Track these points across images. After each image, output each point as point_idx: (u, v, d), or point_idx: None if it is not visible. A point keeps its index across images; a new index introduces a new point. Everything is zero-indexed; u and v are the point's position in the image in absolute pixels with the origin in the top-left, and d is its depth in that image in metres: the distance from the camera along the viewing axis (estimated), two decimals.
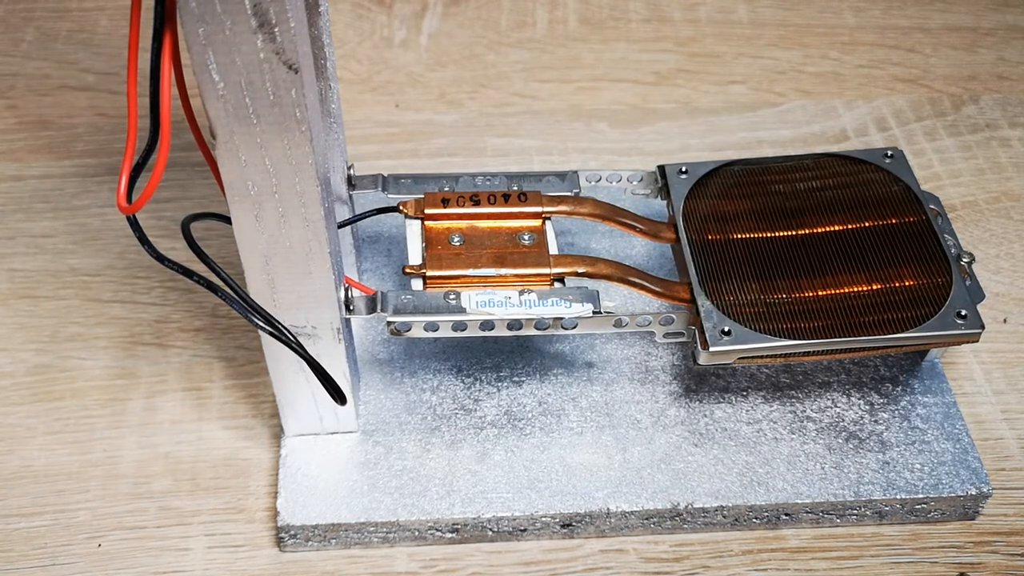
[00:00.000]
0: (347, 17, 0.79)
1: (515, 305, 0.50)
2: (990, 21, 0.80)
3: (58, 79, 0.75)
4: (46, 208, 0.67)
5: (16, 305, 0.62)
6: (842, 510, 0.53)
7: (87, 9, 0.79)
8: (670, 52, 0.78)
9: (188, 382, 0.59)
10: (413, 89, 0.75)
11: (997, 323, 0.62)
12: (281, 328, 0.47)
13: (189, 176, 0.68)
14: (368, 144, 0.71)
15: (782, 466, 0.54)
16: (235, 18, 0.37)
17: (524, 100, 0.74)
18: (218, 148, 0.41)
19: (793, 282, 0.53)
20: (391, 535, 0.52)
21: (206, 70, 0.38)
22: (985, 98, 0.75)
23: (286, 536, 0.52)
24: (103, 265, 0.64)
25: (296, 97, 0.39)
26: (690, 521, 0.53)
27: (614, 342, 0.58)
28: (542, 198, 0.54)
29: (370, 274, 0.61)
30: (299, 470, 0.53)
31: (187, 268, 0.46)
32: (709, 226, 0.55)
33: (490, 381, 0.57)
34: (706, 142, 0.72)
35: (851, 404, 0.56)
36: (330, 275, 0.46)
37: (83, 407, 0.58)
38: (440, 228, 0.53)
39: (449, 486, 0.53)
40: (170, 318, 0.62)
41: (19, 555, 0.52)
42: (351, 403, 0.52)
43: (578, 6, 0.81)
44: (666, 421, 0.55)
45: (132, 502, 0.54)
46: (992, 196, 0.69)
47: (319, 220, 0.44)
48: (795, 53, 0.78)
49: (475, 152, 0.71)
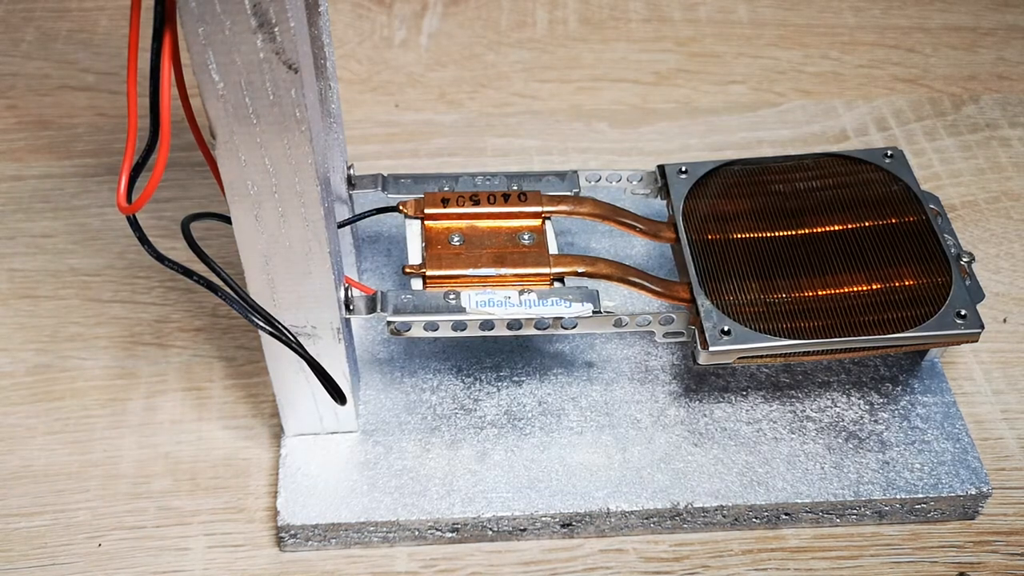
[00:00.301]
0: (347, 17, 0.79)
1: (515, 305, 0.50)
2: (990, 21, 0.80)
3: (58, 79, 0.75)
4: (46, 208, 0.67)
5: (16, 305, 0.62)
6: (842, 510, 0.53)
7: (87, 9, 0.79)
8: (670, 52, 0.78)
9: (188, 382, 0.59)
10: (413, 89, 0.75)
11: (997, 323, 0.62)
12: (281, 328, 0.47)
13: (189, 176, 0.68)
14: (368, 144, 0.71)
15: (782, 466, 0.54)
16: (235, 18, 0.37)
17: (524, 100, 0.74)
18: (218, 148, 0.41)
19: (793, 282, 0.53)
20: (391, 535, 0.52)
21: (206, 70, 0.38)
22: (985, 98, 0.75)
23: (286, 536, 0.52)
24: (103, 265, 0.64)
25: (296, 97, 0.39)
26: (690, 521, 0.53)
27: (614, 342, 0.58)
28: (542, 198, 0.54)
29: (370, 274, 0.61)
30: (299, 470, 0.53)
31: (187, 268, 0.46)
32: (709, 226, 0.55)
33: (490, 381, 0.57)
34: (706, 142, 0.72)
35: (851, 404, 0.56)
36: (330, 275, 0.46)
37: (83, 407, 0.58)
38: (440, 228, 0.53)
39: (449, 486, 0.53)
40: (170, 318, 0.62)
41: (19, 555, 0.52)
42: (351, 403, 0.52)
43: (578, 6, 0.81)
44: (666, 421, 0.55)
45: (132, 502, 0.54)
46: (992, 196, 0.69)
47: (319, 220, 0.44)
48: (795, 53, 0.78)
49: (475, 152, 0.71)
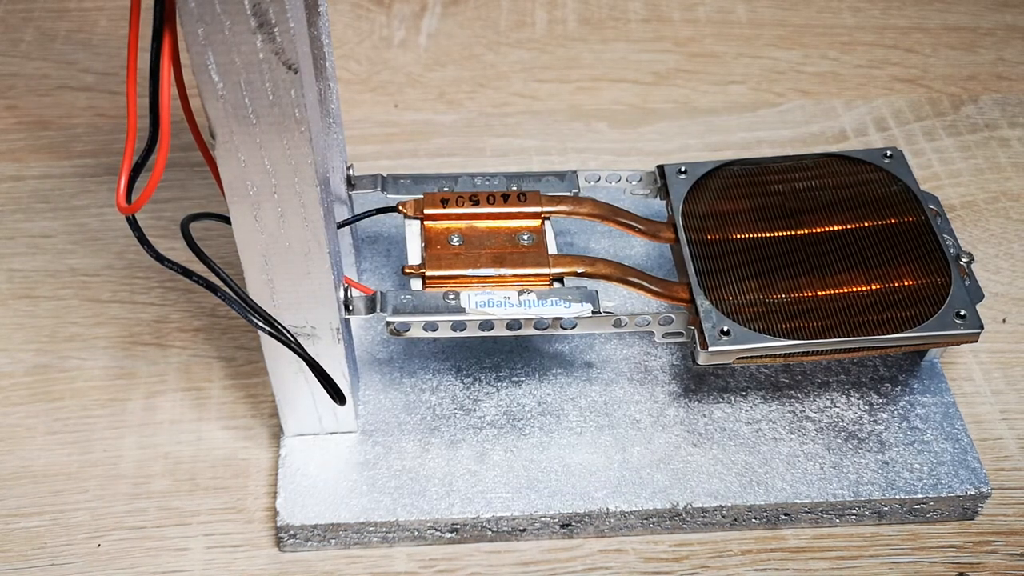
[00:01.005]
0: (346, 17, 0.79)
1: (514, 305, 0.50)
2: (989, 21, 0.80)
3: (57, 79, 0.75)
4: (45, 208, 0.67)
5: (15, 305, 0.62)
6: (841, 510, 0.53)
7: (86, 9, 0.79)
8: (669, 52, 0.78)
9: (187, 382, 0.59)
10: (412, 89, 0.75)
11: (996, 323, 0.62)
12: (280, 328, 0.47)
13: (188, 176, 0.68)
14: (367, 144, 0.71)
15: (781, 466, 0.54)
16: (234, 18, 0.37)
17: (523, 100, 0.74)
18: (217, 148, 0.41)
19: (792, 282, 0.53)
20: (390, 535, 0.52)
21: (205, 70, 0.38)
22: (984, 98, 0.75)
23: (285, 536, 0.52)
24: (102, 265, 0.64)
25: (295, 97, 0.39)
26: (689, 521, 0.53)
27: (613, 342, 0.58)
28: (541, 198, 0.54)
29: (370, 274, 0.61)
30: (298, 470, 0.53)
31: (186, 268, 0.46)
32: (708, 226, 0.55)
33: (489, 381, 0.57)
34: (705, 142, 0.72)
35: (850, 404, 0.56)
36: (329, 275, 0.46)
37: (82, 407, 0.58)
38: (439, 228, 0.53)
39: (448, 486, 0.53)
40: (169, 318, 0.62)
41: (18, 555, 0.52)
42: (350, 403, 0.52)
43: (577, 6, 0.81)
44: (665, 421, 0.55)
45: (131, 502, 0.54)
46: (991, 196, 0.69)
47: (318, 220, 0.44)
48: (794, 53, 0.78)
49: (474, 152, 0.71)
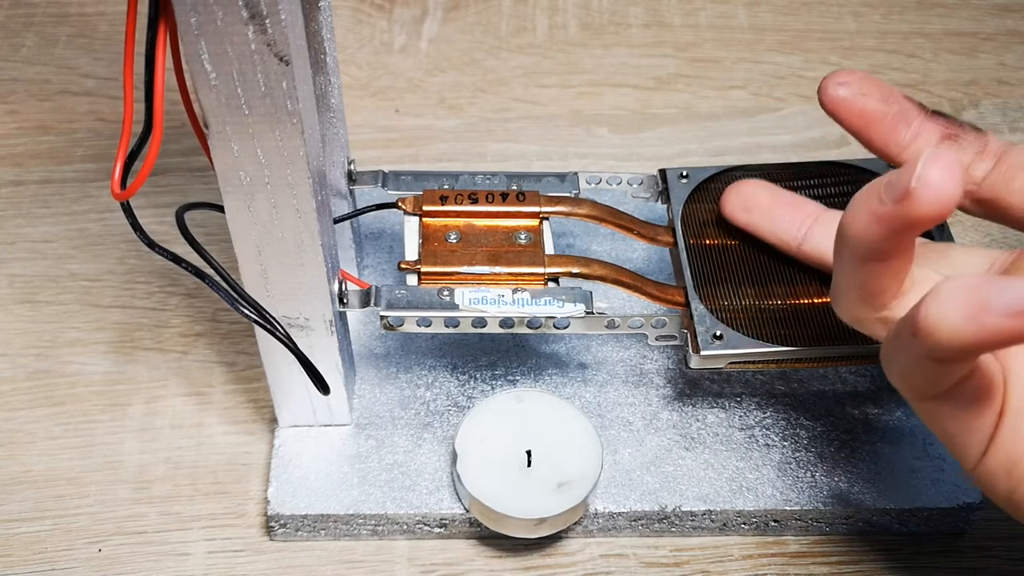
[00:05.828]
0: (347, 22, 0.79)
1: (508, 303, 0.50)
2: (990, 26, 0.80)
3: (58, 84, 0.75)
4: (46, 213, 0.67)
5: (16, 310, 0.62)
6: (831, 519, 0.53)
7: (87, 14, 0.79)
8: (670, 57, 0.78)
9: (188, 387, 0.59)
10: (413, 94, 0.75)
11: None
12: (268, 316, 0.47)
13: (189, 181, 0.69)
14: (368, 149, 0.71)
15: (772, 472, 0.54)
16: (226, 8, 0.37)
17: (524, 105, 0.75)
18: (211, 138, 0.41)
19: (789, 288, 0.52)
20: (380, 528, 0.52)
21: (199, 60, 0.38)
22: (985, 103, 0.75)
23: (275, 525, 0.52)
24: (103, 270, 0.64)
25: (287, 89, 0.39)
26: (678, 524, 0.53)
27: (609, 344, 0.58)
28: (540, 198, 0.54)
29: (371, 270, 0.61)
30: (291, 461, 0.53)
31: (176, 255, 0.46)
32: (707, 231, 0.55)
33: (484, 379, 0.57)
34: (706, 147, 0.72)
35: (845, 413, 0.56)
36: (322, 268, 0.46)
37: (83, 412, 0.58)
38: (437, 225, 0.53)
39: (439, 481, 0.53)
40: (170, 323, 0.62)
41: (19, 560, 0.52)
42: (344, 396, 0.52)
43: (578, 11, 0.81)
44: (658, 424, 0.55)
45: (132, 507, 0.54)
46: None
47: (311, 212, 0.44)
48: (795, 58, 0.78)
49: (475, 157, 0.71)
